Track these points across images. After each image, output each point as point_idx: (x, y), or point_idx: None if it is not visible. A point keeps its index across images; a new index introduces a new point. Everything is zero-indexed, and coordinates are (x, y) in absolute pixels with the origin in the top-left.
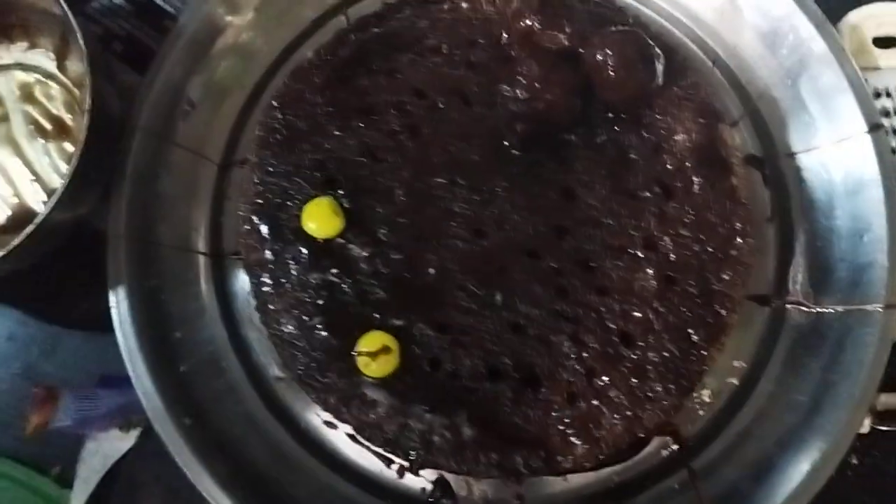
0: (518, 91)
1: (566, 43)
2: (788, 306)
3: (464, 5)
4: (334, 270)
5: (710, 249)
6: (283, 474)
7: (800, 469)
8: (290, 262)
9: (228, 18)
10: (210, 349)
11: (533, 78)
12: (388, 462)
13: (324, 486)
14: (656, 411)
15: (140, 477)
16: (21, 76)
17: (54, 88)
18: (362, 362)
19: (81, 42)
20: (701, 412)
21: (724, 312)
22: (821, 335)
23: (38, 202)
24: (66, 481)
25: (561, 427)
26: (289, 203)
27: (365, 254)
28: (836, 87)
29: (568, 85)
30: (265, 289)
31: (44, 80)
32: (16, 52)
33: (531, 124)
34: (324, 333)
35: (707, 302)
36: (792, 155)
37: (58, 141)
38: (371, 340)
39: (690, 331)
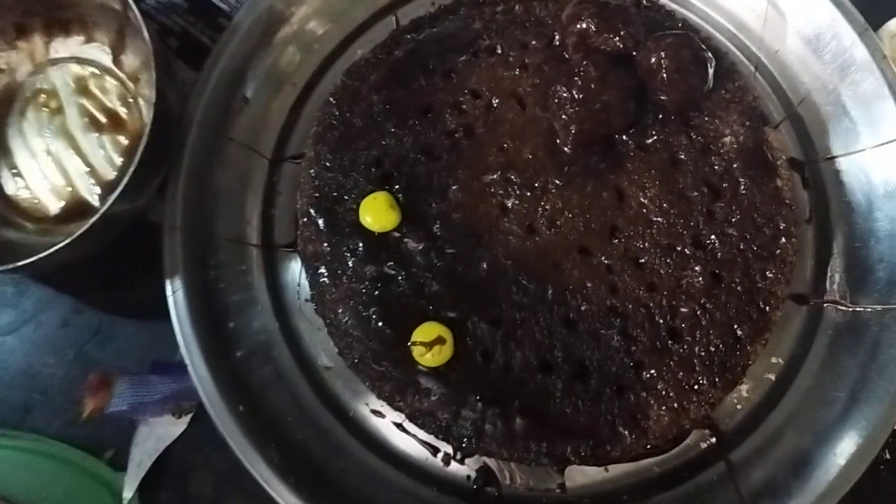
0: (574, 92)
1: (620, 46)
2: (826, 305)
3: (517, 7)
4: (390, 263)
5: (756, 248)
6: (333, 461)
7: (836, 462)
8: (347, 254)
9: (287, 11)
10: (261, 338)
11: (589, 79)
12: (435, 451)
13: (373, 472)
14: (702, 403)
15: (191, 461)
16: (76, 69)
17: (109, 82)
18: (417, 352)
19: (146, 37)
20: (739, 406)
21: (767, 309)
22: (858, 333)
23: (91, 194)
24: (120, 465)
25: (609, 417)
26: (345, 197)
27: (420, 247)
28: (878, 93)
29: (623, 87)
30: (322, 280)
31: (99, 73)
32: (72, 45)
33: (585, 125)
34: (379, 324)
35: (752, 299)
36: (832, 158)
37: (112, 134)
38: (426, 331)
39: (735, 326)
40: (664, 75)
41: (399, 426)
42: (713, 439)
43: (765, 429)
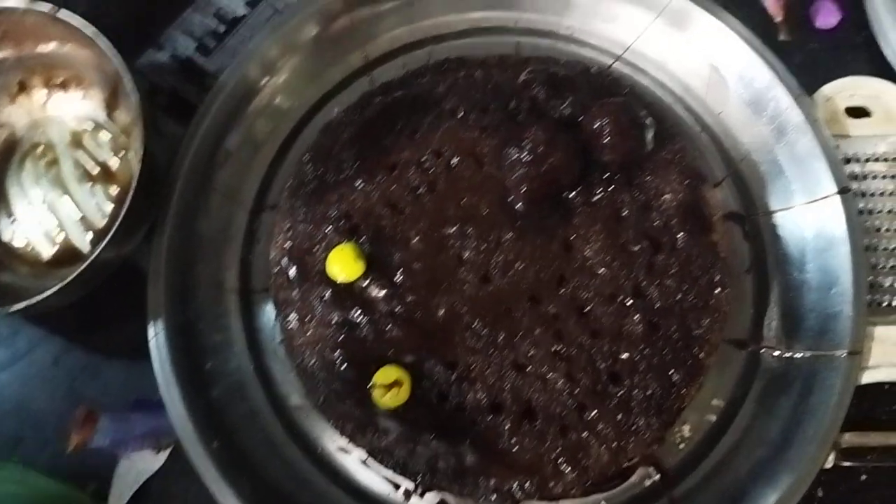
0: (524, 154)
1: (568, 111)
2: (763, 350)
3: (477, 73)
4: (354, 310)
5: (692, 299)
6: (301, 496)
7: (769, 499)
8: (315, 301)
9: (264, 80)
10: (237, 378)
11: (538, 142)
12: (396, 486)
13: None
14: (639, 443)
15: (169, 494)
16: (72, 124)
17: (102, 136)
18: (377, 394)
19: (137, 97)
20: (682, 445)
21: (702, 356)
22: (791, 378)
23: (83, 240)
24: (102, 497)
25: (553, 456)
26: (315, 248)
27: (382, 295)
28: (811, 153)
29: (568, 149)
30: (291, 325)
31: (93, 128)
32: (70, 101)
33: (535, 184)
34: (343, 367)
35: (687, 346)
36: (770, 213)
37: (103, 184)
38: (385, 374)
39: (671, 372)
40: (606, 139)
41: (364, 463)
42: (657, 476)
43: (705, 466)
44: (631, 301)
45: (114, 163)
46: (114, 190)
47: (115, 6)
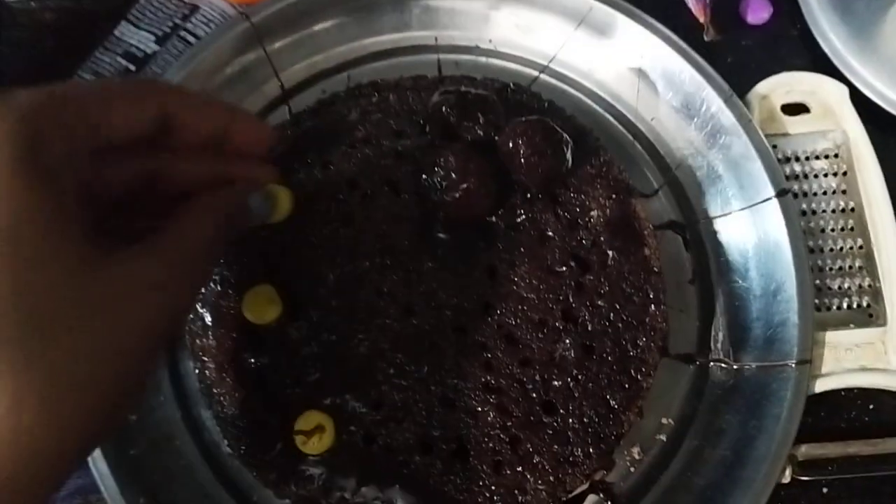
0: (437, 180)
1: (480, 133)
2: (711, 364)
3: (391, 97)
4: (273, 353)
5: (625, 317)
6: None
7: None
8: (232, 346)
9: None
10: (164, 429)
11: (450, 168)
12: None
13: None
14: (577, 475)
15: None
16: None
17: None
18: (299, 441)
19: None
20: (632, 469)
21: (639, 377)
22: (740, 391)
23: None
24: None
25: (488, 495)
26: (230, 291)
27: (301, 336)
28: (745, 156)
29: (483, 172)
30: (208, 373)
31: None
32: None
33: (452, 210)
34: (263, 414)
35: (623, 368)
36: (710, 219)
37: None
38: (307, 420)
39: (608, 396)
40: (521, 159)
41: None
42: (608, 503)
43: (657, 490)
44: (561, 325)
45: None
46: None
47: (22, 50)
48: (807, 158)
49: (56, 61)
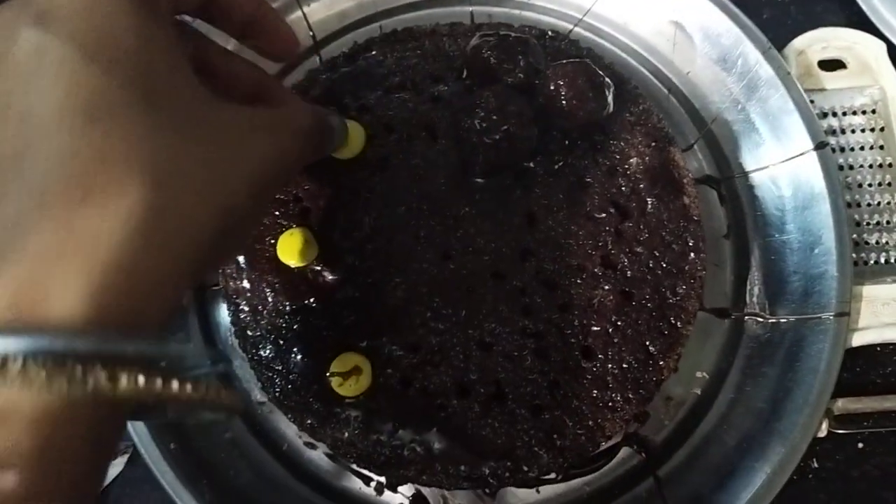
0: (477, 123)
1: (522, 76)
2: (746, 318)
3: (427, 43)
4: (308, 297)
5: (665, 265)
6: (267, 495)
7: (760, 473)
8: (267, 289)
9: None
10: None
11: (490, 110)
12: (367, 480)
13: None
14: (617, 420)
15: (128, 502)
16: None
17: None
18: (335, 382)
19: None
20: (666, 422)
21: (678, 324)
22: (777, 344)
23: None
24: None
25: (526, 438)
26: (265, 234)
27: (337, 280)
28: (783, 109)
29: (524, 115)
30: (243, 316)
31: None
32: None
33: (490, 154)
34: (298, 356)
35: (662, 315)
36: (745, 174)
37: None
38: (343, 362)
39: (647, 343)
40: (563, 102)
41: (331, 456)
42: (642, 455)
43: (692, 443)
44: (600, 271)
45: None
46: None
47: None
48: (843, 114)
49: None
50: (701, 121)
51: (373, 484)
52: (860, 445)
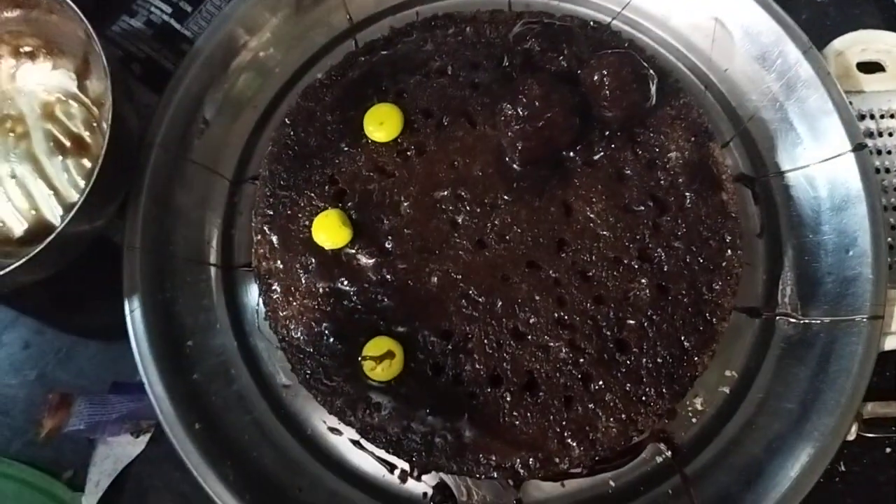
0: (519, 110)
1: (565, 64)
2: (778, 318)
3: (468, 30)
4: (342, 279)
5: (702, 261)
6: (290, 479)
7: (788, 474)
8: (300, 270)
9: (246, 38)
10: (220, 358)
11: (533, 97)
12: (391, 468)
13: (330, 491)
14: (650, 415)
15: (149, 481)
16: (43, 95)
17: (74, 107)
18: (367, 366)
19: (105, 63)
20: (694, 420)
21: (714, 321)
22: (808, 345)
23: (55, 216)
24: (78, 485)
25: (558, 430)
26: (299, 215)
27: (372, 263)
28: (822, 109)
29: (566, 104)
30: (275, 296)
31: (64, 99)
32: (39, 72)
33: (531, 142)
34: (331, 339)
35: (698, 311)
36: (781, 173)
37: (76, 157)
38: (376, 346)
39: (682, 338)
40: (607, 92)
41: (356, 443)
42: (668, 453)
43: (719, 441)
44: (637, 264)
45: (87, 135)
46: (87, 163)
47: None
48: (881, 116)
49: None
50: (737, 118)
51: (396, 472)
52: (888, 450)
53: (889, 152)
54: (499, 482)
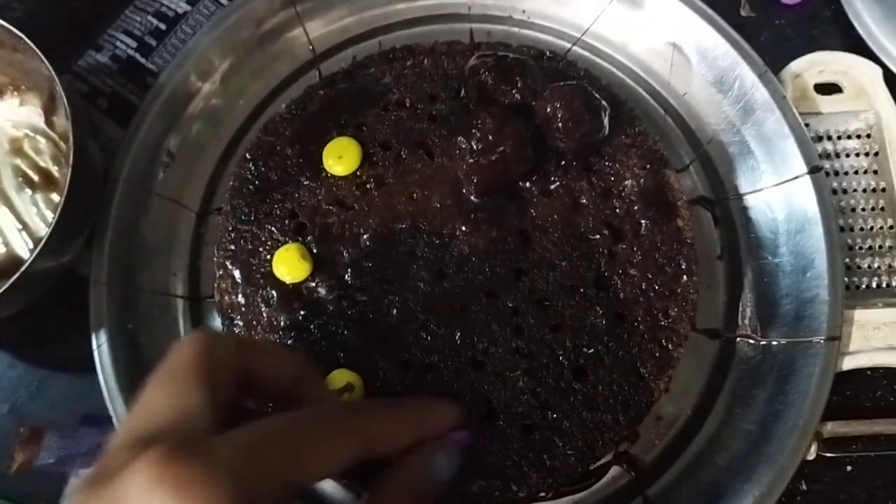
0: (473, 143)
1: (518, 97)
2: (738, 339)
3: (426, 62)
4: (302, 312)
5: (657, 287)
6: None
7: (748, 495)
8: (262, 304)
9: (200, 83)
10: None
11: (487, 131)
12: (359, 494)
13: None
14: (607, 441)
15: None
16: (11, 131)
17: (42, 142)
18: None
19: (65, 101)
20: (656, 441)
21: (670, 347)
22: (767, 367)
23: (25, 250)
24: None
25: (516, 458)
26: (260, 249)
27: (331, 296)
28: (779, 133)
29: (520, 137)
30: (237, 330)
31: (32, 134)
32: (6, 108)
33: (487, 174)
34: None
35: (654, 337)
36: (739, 196)
37: (45, 192)
38: (336, 378)
39: (638, 365)
40: (560, 124)
41: None
42: (632, 474)
43: (680, 463)
44: (593, 293)
45: (55, 170)
46: (55, 197)
47: (51, 9)
48: (839, 138)
49: (88, 16)
50: (696, 142)
51: (363, 498)
52: (849, 468)
53: (846, 173)
54: None
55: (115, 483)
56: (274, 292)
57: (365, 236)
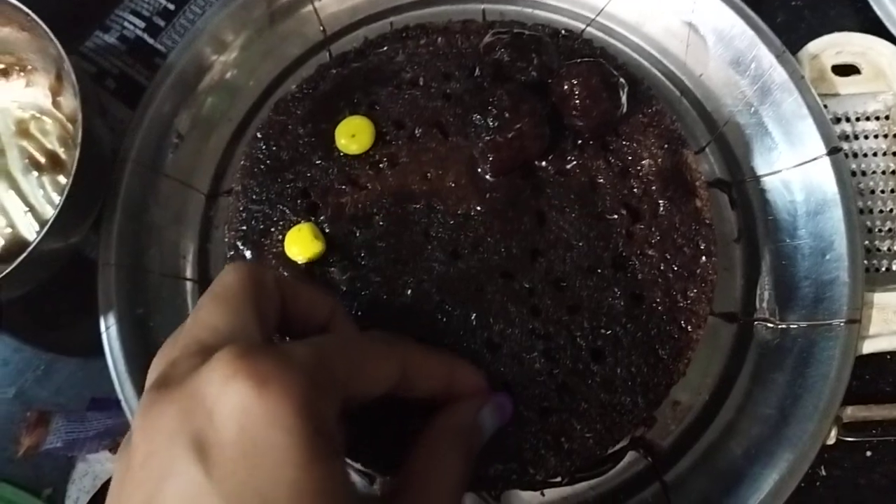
0: (489, 121)
1: (534, 74)
2: (756, 323)
3: (439, 40)
4: None
5: (676, 268)
6: None
7: (768, 480)
8: None
9: (214, 57)
10: None
11: (503, 108)
12: (372, 480)
13: None
14: (625, 424)
15: None
16: (17, 112)
17: (49, 124)
18: None
19: (74, 81)
20: (673, 426)
21: (689, 328)
22: (786, 350)
23: (31, 233)
24: (58, 502)
25: (533, 441)
26: (272, 229)
27: (344, 276)
28: (797, 114)
29: (536, 115)
30: None
31: (39, 115)
32: (13, 89)
33: (502, 153)
34: None
35: (673, 319)
36: (757, 178)
37: (52, 174)
38: None
39: (657, 346)
40: (577, 101)
41: None
42: (649, 460)
43: (699, 448)
44: (610, 273)
45: (62, 152)
46: (62, 179)
47: None
48: (857, 119)
49: (92, 1)
50: (713, 123)
51: (377, 483)
52: (868, 453)
53: (865, 155)
54: (478, 493)
55: (188, 383)
56: (286, 273)
57: (378, 216)
